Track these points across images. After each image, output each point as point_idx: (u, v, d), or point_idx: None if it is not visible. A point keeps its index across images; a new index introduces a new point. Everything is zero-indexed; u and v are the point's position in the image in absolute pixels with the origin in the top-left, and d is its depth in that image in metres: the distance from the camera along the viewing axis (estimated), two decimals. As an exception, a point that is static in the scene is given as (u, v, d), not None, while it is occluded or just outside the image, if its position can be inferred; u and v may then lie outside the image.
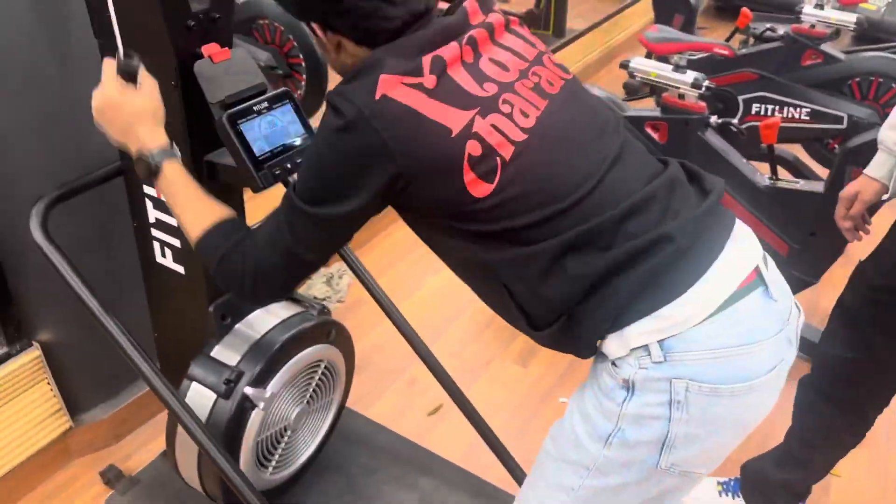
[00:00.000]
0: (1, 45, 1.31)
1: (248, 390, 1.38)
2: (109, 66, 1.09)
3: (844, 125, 2.73)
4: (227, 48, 1.18)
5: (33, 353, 1.62)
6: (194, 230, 1.06)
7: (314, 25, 0.98)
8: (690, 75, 2.05)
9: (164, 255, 1.42)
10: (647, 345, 0.91)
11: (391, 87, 0.87)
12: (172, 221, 1.34)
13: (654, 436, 0.93)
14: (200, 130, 1.21)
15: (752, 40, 3.04)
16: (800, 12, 2.82)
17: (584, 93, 1.06)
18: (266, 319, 1.48)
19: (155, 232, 1.40)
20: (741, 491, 1.70)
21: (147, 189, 1.34)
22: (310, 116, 1.25)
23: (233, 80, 1.16)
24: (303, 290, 2.39)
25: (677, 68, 2.07)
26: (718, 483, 1.74)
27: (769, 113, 2.97)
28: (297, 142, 1.20)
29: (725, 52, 2.13)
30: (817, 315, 2.46)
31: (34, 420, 1.66)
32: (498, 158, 0.91)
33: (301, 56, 2.85)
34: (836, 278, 2.61)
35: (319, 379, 1.57)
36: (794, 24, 2.85)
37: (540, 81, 0.99)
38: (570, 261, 0.93)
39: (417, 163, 0.89)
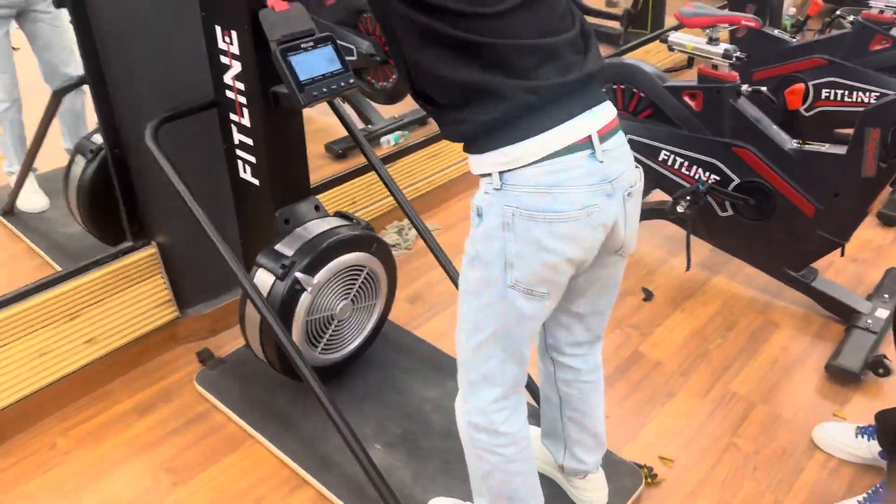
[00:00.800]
0: (134, 9, 1.79)
1: (299, 275, 1.76)
2: None
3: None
4: (286, 1, 1.57)
5: (151, 250, 2.11)
6: None
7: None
8: (722, 47, 2.24)
9: (245, 171, 1.85)
10: (490, 173, 1.18)
11: None
12: (250, 142, 1.76)
13: (496, 253, 1.20)
14: (268, 68, 1.61)
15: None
16: (868, -2, 2.89)
17: None
18: (320, 225, 1.87)
19: (238, 152, 1.82)
20: (876, 436, 1.80)
21: (233, 116, 1.77)
22: (406, 93, 1.55)
23: (288, 24, 1.56)
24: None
25: (711, 41, 2.27)
26: (857, 427, 1.86)
27: (839, 98, 3.04)
28: (334, 70, 1.57)
29: (752, 24, 2.28)
30: (863, 286, 2.54)
31: (148, 306, 2.14)
32: None
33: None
34: (889, 253, 2.68)
35: (363, 282, 1.93)
36: (865, 10, 2.91)
37: None
38: (463, 59, 1.13)
39: None
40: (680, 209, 2.35)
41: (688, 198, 2.35)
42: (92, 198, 2.30)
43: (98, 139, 2.28)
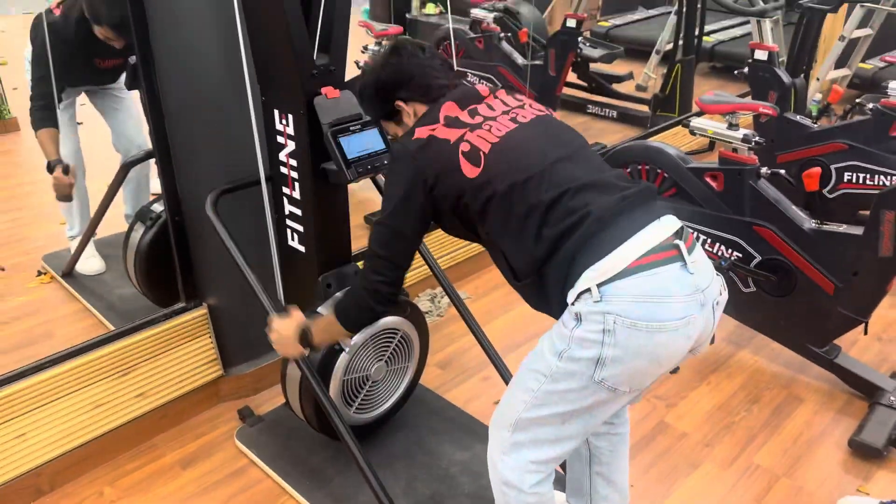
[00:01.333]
0: (201, 89, 2.00)
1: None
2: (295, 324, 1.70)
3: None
4: (338, 90, 1.76)
5: (202, 311, 2.26)
6: (335, 323, 1.62)
7: (399, 103, 1.52)
8: (741, 132, 2.38)
9: (293, 239, 2.00)
10: (589, 288, 1.29)
11: (420, 133, 1.41)
12: (299, 212, 1.92)
13: (592, 354, 1.29)
14: (319, 147, 1.79)
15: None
16: (886, 87, 3.02)
17: (554, 121, 1.50)
18: (358, 291, 2.00)
19: (288, 222, 1.99)
20: None
21: (285, 189, 1.94)
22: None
23: (338, 109, 1.74)
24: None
25: (730, 126, 2.41)
26: (881, 502, 1.88)
27: (861, 181, 3.14)
28: (377, 150, 1.74)
29: (769, 112, 2.42)
30: (888, 364, 2.57)
31: (196, 364, 2.28)
32: (481, 152, 1.38)
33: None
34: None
35: (397, 344, 2.05)
36: (884, 98, 3.04)
37: (517, 116, 1.45)
38: (535, 223, 1.35)
39: (431, 166, 1.39)
40: (703, 284, 2.44)
41: (710, 273, 2.44)
42: (148, 262, 2.47)
43: (157, 207, 2.48)
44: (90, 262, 3.00)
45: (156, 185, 2.63)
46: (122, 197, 3.04)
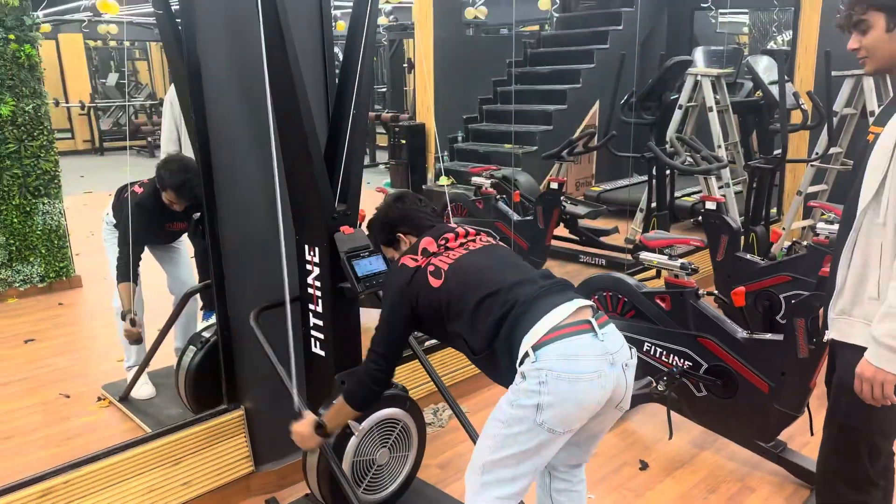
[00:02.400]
0: (250, 232, 2.62)
1: (350, 422, 2.35)
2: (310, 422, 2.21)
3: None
4: (352, 228, 2.37)
5: (239, 413, 2.74)
6: (344, 407, 2.09)
7: (399, 234, 2.13)
8: (679, 261, 2.93)
9: (315, 346, 2.53)
10: (527, 352, 1.80)
11: (405, 261, 1.99)
12: (321, 324, 2.47)
13: (533, 402, 1.76)
14: (337, 271, 2.37)
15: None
16: (815, 228, 3.59)
17: (496, 247, 2.05)
18: (367, 388, 2.48)
19: (312, 332, 2.52)
20: None
21: (311, 306, 2.49)
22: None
23: (352, 241, 2.33)
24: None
25: (670, 257, 2.96)
26: None
27: (806, 306, 3.62)
28: (380, 270, 2.31)
29: (697, 243, 2.99)
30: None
31: (230, 460, 2.72)
32: (442, 270, 1.92)
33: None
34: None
35: (398, 433, 2.50)
36: (815, 237, 3.61)
37: (468, 245, 2.02)
38: (483, 313, 1.87)
39: (415, 292, 1.95)
40: (660, 388, 2.89)
41: (664, 379, 2.90)
42: (197, 378, 2.98)
43: (206, 334, 3.04)
44: (143, 389, 3.51)
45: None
46: (174, 333, 3.60)
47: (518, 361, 1.80)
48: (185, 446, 2.63)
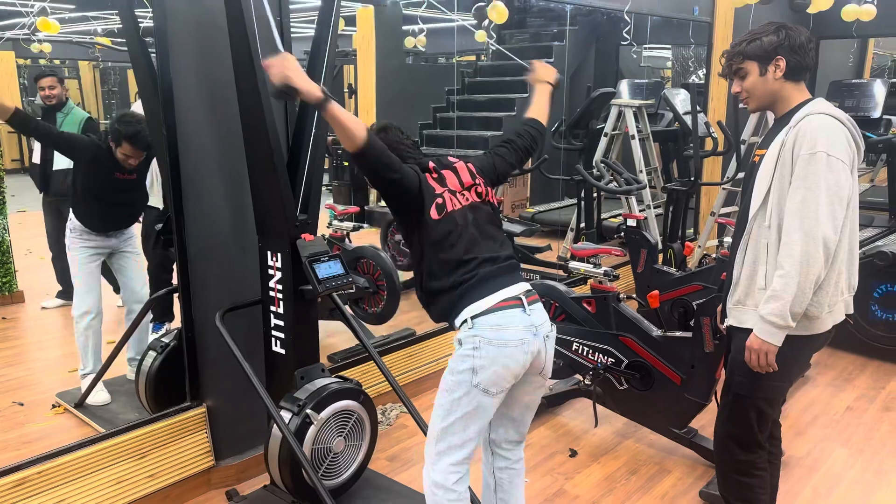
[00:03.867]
0: (214, 238, 2.84)
1: (309, 411, 2.58)
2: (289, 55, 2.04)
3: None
4: (312, 235, 2.62)
5: (201, 410, 2.93)
6: (363, 134, 1.98)
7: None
8: (602, 269, 3.29)
9: (276, 345, 2.75)
10: (466, 319, 2.10)
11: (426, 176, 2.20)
12: (282, 324, 2.69)
13: (468, 365, 2.06)
14: (298, 275, 2.61)
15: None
16: (722, 241, 4.03)
17: (486, 213, 2.26)
18: (324, 381, 2.72)
19: (273, 332, 2.75)
20: None
21: (272, 307, 2.72)
22: (390, 316, 2.70)
23: (313, 247, 2.58)
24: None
25: (595, 266, 3.32)
26: None
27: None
28: (339, 273, 2.57)
29: (618, 253, 3.37)
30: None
31: (192, 454, 2.89)
32: (445, 209, 2.16)
33: (384, 281, 4.35)
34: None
35: (353, 424, 2.73)
36: (722, 249, 4.04)
37: (467, 197, 2.22)
38: (450, 268, 2.13)
39: (418, 186, 2.14)
40: (587, 383, 3.22)
41: (590, 374, 3.23)
42: (158, 381, 3.15)
43: (165, 340, 3.21)
44: (99, 395, 3.62)
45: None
46: (128, 344, 3.73)
47: (457, 323, 2.13)
48: (149, 441, 2.80)
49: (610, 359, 3.26)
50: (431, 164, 2.25)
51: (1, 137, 13.52)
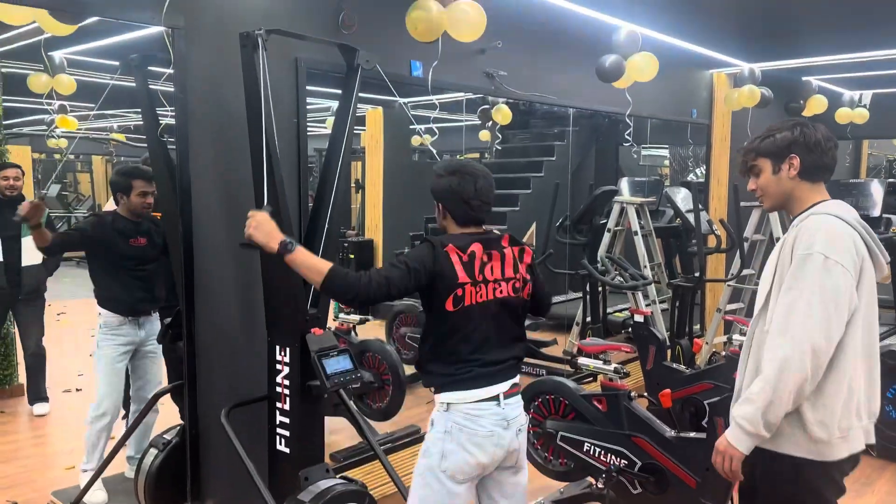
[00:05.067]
0: (222, 333, 2.83)
1: (314, 513, 2.50)
2: (265, 211, 2.23)
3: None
4: (322, 330, 2.61)
5: (203, 510, 2.83)
6: (322, 270, 2.04)
7: (439, 204, 2.22)
8: (613, 366, 3.25)
9: (280, 444, 2.69)
10: (445, 403, 2.10)
11: (450, 249, 2.13)
12: (287, 421, 2.64)
13: (438, 448, 2.07)
14: (307, 370, 2.59)
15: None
16: (731, 339, 4.00)
17: (511, 306, 2.22)
18: (329, 483, 2.64)
19: (278, 430, 2.69)
20: None
21: (279, 404, 2.68)
22: (395, 412, 2.74)
23: (322, 341, 2.58)
24: None
25: (605, 362, 3.28)
26: None
27: (728, 411, 3.96)
28: (348, 368, 2.54)
29: (628, 349, 3.34)
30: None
31: (194, 558, 2.79)
32: (463, 302, 2.13)
33: (390, 375, 4.30)
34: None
35: (358, 527, 2.64)
36: (732, 347, 4.01)
37: (497, 289, 2.19)
38: (452, 357, 2.13)
39: (439, 273, 2.10)
40: (600, 486, 3.13)
41: (603, 477, 3.14)
42: (158, 480, 3.05)
43: (167, 437, 3.14)
44: (96, 495, 3.50)
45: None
46: (128, 442, 3.62)
47: (436, 402, 2.15)
48: (146, 544, 2.69)
49: (623, 460, 3.18)
50: (473, 248, 2.14)
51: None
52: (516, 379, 2.21)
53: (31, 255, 4.65)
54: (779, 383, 1.84)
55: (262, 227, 2.15)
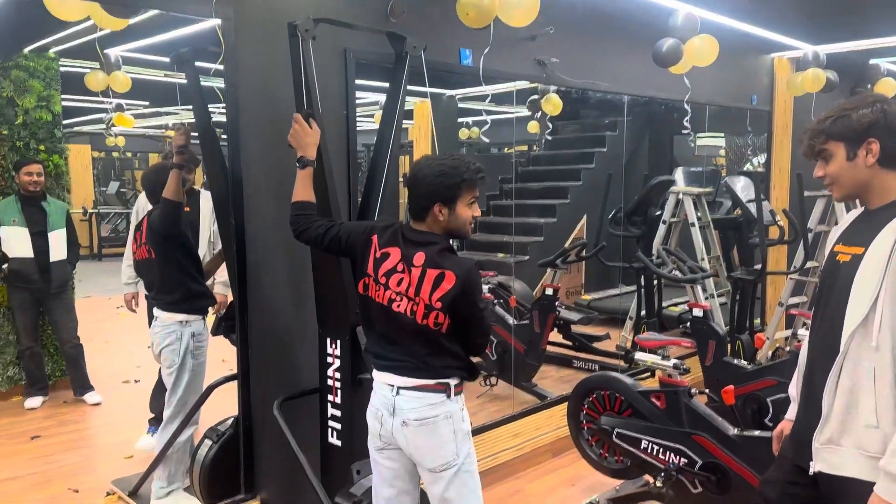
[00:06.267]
0: (275, 326, 2.82)
1: (365, 508, 2.47)
2: (300, 116, 2.34)
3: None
4: (373, 323, 2.58)
5: (256, 503, 2.83)
6: (295, 197, 2.28)
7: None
8: (672, 361, 3.14)
9: (332, 437, 2.68)
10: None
11: (374, 239, 2.15)
12: (339, 414, 2.62)
13: None
14: (358, 362, 2.56)
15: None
16: (796, 334, 3.83)
17: (401, 323, 2.13)
18: (381, 477, 2.61)
19: (330, 423, 2.67)
20: None
21: (330, 397, 2.66)
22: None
23: (373, 335, 2.54)
24: None
25: (664, 357, 3.17)
26: None
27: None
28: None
29: (687, 344, 3.21)
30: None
31: (247, 551, 2.79)
32: (368, 292, 2.14)
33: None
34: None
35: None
36: (797, 342, 3.84)
37: (403, 306, 2.10)
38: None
39: (360, 254, 2.15)
40: (658, 485, 3.02)
41: (661, 476, 3.04)
42: (213, 471, 3.08)
43: (221, 428, 3.16)
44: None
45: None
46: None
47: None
48: (201, 536, 2.71)
49: (682, 459, 3.07)
50: (391, 251, 2.12)
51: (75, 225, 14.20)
52: (421, 381, 2.13)
53: (57, 250, 4.76)
54: None
55: (297, 136, 2.34)
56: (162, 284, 3.11)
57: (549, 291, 4.84)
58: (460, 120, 9.72)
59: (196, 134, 3.00)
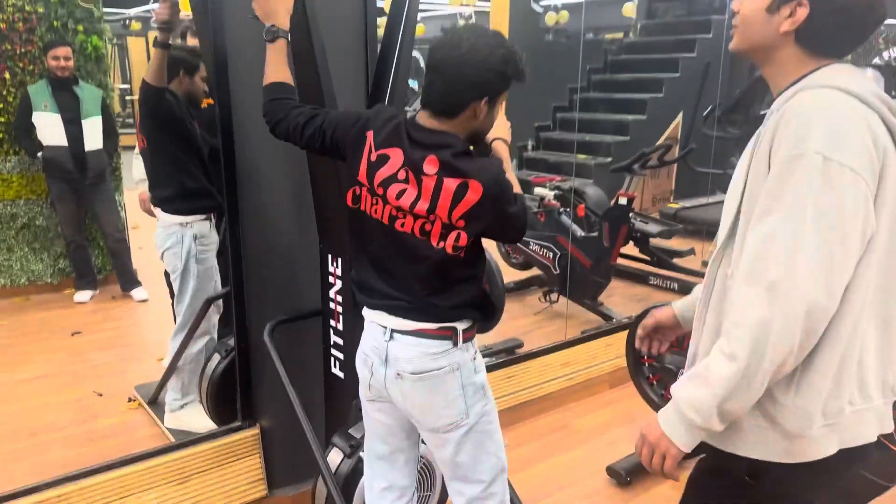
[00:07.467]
0: (273, 238, 2.42)
1: (363, 454, 2.10)
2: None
3: None
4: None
5: (254, 431, 2.54)
6: (267, 79, 1.76)
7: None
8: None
9: (334, 367, 2.30)
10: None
11: (370, 135, 1.63)
12: (341, 342, 2.23)
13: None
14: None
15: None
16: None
17: (409, 243, 1.64)
18: (387, 417, 2.23)
19: (332, 351, 2.30)
20: None
21: (332, 322, 2.27)
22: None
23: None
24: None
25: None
26: None
27: None
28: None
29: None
30: None
31: (244, 481, 2.52)
32: (360, 204, 1.66)
33: (486, 283, 3.81)
34: None
35: (419, 470, 2.23)
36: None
37: (409, 224, 1.60)
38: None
39: (350, 152, 1.66)
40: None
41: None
42: (220, 387, 2.81)
43: (231, 342, 2.86)
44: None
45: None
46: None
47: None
48: (196, 463, 2.45)
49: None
50: (390, 153, 1.61)
51: (136, 116, 14.22)
52: (420, 325, 1.67)
53: (92, 138, 4.49)
54: (751, 361, 1.19)
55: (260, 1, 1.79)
56: (154, 179, 2.79)
57: (623, 201, 4.23)
58: (545, 3, 8.81)
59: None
